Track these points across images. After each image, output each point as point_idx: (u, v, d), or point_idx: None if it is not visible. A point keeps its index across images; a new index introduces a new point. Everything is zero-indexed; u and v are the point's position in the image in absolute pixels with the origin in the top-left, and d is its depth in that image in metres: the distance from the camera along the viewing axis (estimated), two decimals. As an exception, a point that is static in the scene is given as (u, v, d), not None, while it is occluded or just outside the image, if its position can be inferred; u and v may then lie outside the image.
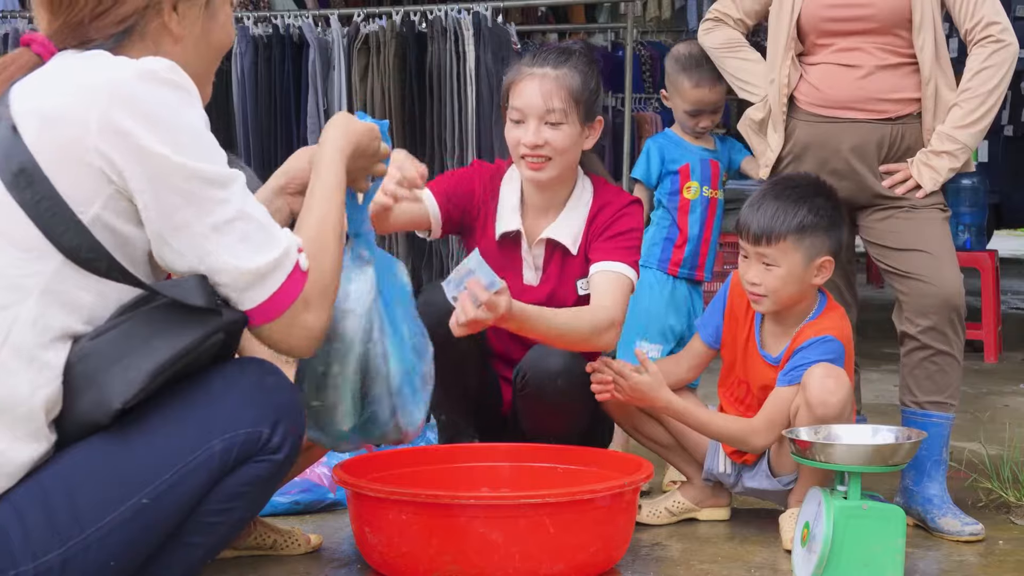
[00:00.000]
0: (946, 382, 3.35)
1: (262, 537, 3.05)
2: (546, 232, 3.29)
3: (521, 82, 3.22)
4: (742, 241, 3.17)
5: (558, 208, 3.30)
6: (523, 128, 3.20)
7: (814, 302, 3.20)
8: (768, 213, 3.11)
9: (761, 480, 3.27)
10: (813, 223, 3.12)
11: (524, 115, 3.21)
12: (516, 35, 5.34)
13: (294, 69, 5.24)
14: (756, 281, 3.14)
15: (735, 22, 3.66)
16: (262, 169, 5.27)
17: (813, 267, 3.13)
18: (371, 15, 5.24)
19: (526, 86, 3.21)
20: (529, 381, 3.19)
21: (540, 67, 3.23)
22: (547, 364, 3.17)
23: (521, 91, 3.22)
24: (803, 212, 3.11)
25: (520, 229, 3.30)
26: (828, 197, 3.19)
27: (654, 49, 9.49)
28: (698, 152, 3.92)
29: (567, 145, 3.20)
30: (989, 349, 6.36)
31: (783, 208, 3.11)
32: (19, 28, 5.42)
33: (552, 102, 3.18)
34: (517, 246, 3.32)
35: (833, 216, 3.16)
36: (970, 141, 3.38)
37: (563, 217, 3.29)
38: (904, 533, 2.77)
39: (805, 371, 3.05)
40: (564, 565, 2.78)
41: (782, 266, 3.11)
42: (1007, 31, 3.37)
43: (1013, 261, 12.29)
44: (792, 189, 3.16)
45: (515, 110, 3.22)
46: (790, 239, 3.10)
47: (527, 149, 3.20)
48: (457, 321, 2.82)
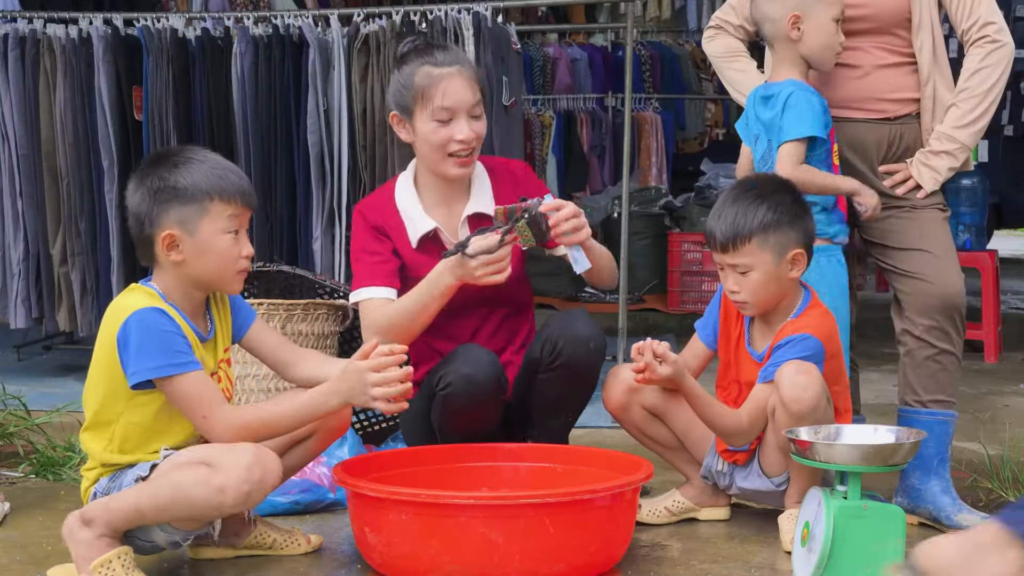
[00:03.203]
0: (948, 381, 3.36)
1: (262, 537, 3.05)
2: (468, 210, 3.39)
3: (441, 82, 3.28)
4: (712, 253, 3.19)
5: (466, 189, 3.42)
6: (454, 126, 3.29)
7: (797, 298, 3.21)
8: (728, 220, 3.13)
9: (754, 480, 3.27)
10: (775, 220, 3.12)
11: (454, 112, 3.29)
12: (516, 35, 5.33)
13: (294, 69, 5.23)
14: (735, 289, 3.16)
15: (736, 28, 3.68)
16: (262, 169, 5.27)
17: (786, 262, 3.13)
18: (371, 15, 5.23)
19: (449, 85, 3.29)
20: (563, 350, 3.26)
21: (448, 65, 3.31)
22: (578, 330, 3.28)
23: (446, 90, 3.28)
24: (763, 211, 3.12)
25: (436, 226, 3.39)
26: (787, 191, 3.19)
27: (654, 49, 9.49)
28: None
29: (484, 133, 3.36)
30: (989, 349, 6.36)
31: (742, 211, 3.12)
32: (19, 28, 5.42)
33: (475, 95, 3.31)
34: (437, 242, 3.39)
35: (794, 209, 3.16)
36: (969, 141, 3.38)
37: (475, 193, 3.41)
38: (904, 533, 2.77)
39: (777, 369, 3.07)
40: (564, 565, 2.78)
41: (755, 269, 3.12)
42: (1003, 31, 3.38)
43: (1013, 261, 12.27)
44: (748, 191, 3.17)
45: (443, 110, 3.28)
46: (755, 240, 3.11)
47: (461, 145, 3.30)
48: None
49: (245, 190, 2.85)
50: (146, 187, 2.80)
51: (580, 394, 3.38)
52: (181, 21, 5.48)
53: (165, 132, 5.34)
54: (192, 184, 2.78)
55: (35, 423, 4.16)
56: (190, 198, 2.78)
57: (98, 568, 2.70)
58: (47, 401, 4.67)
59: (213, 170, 2.82)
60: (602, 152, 8.78)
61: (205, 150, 2.91)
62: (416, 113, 3.31)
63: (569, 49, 9.04)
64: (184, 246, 2.80)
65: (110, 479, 2.85)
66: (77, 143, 5.42)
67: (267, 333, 3.06)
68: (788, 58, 3.38)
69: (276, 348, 3.03)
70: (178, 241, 2.79)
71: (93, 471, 2.88)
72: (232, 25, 5.44)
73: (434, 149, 3.32)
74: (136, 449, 2.83)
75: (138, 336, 2.72)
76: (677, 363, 3.08)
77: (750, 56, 3.70)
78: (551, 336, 3.29)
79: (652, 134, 8.83)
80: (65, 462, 3.90)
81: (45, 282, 5.53)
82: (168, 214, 2.78)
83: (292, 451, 3.01)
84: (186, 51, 5.38)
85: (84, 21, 5.47)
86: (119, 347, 2.75)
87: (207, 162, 2.83)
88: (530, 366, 3.34)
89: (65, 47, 5.41)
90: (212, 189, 2.80)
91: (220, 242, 2.81)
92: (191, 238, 2.79)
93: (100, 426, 2.84)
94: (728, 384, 3.31)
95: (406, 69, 3.35)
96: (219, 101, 5.35)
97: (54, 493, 3.68)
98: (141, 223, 2.82)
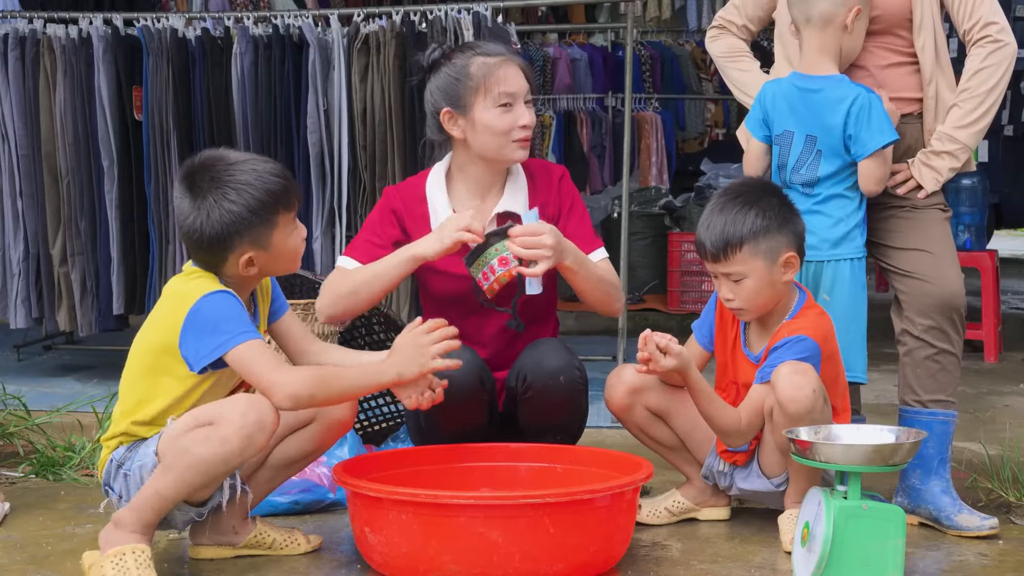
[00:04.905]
0: (948, 380, 3.36)
1: (262, 537, 3.05)
2: (500, 207, 3.39)
3: (500, 69, 3.31)
4: (704, 263, 3.19)
5: (500, 186, 3.42)
6: (515, 111, 3.31)
7: (792, 299, 3.21)
8: (717, 229, 3.13)
9: (754, 481, 3.27)
10: (764, 225, 3.11)
11: (514, 98, 3.32)
12: (516, 35, 5.32)
13: (294, 69, 5.23)
14: (730, 297, 3.16)
15: (739, 28, 3.68)
16: (262, 169, 5.26)
17: (779, 266, 3.13)
18: (371, 15, 5.23)
19: (508, 72, 3.32)
20: (532, 384, 3.23)
21: (503, 54, 3.35)
22: (546, 364, 3.24)
23: (505, 77, 3.31)
24: (751, 217, 3.11)
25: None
26: (773, 194, 3.20)
27: (654, 49, 9.48)
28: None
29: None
30: (989, 349, 6.36)
31: (731, 219, 3.12)
32: (19, 28, 5.41)
33: (529, 82, 3.36)
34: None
35: (783, 212, 3.16)
36: (970, 141, 3.38)
37: (509, 191, 3.41)
38: (904, 533, 2.77)
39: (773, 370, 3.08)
40: (564, 565, 2.78)
41: (749, 276, 3.12)
42: (1005, 31, 3.37)
43: (1013, 261, 12.27)
44: (736, 198, 3.16)
45: (506, 95, 3.30)
46: (746, 248, 3.11)
47: (524, 132, 3.32)
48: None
49: (296, 189, 2.95)
50: (214, 218, 2.82)
51: (564, 419, 3.34)
52: (181, 21, 5.48)
53: (165, 132, 5.33)
54: (258, 206, 2.83)
55: (35, 423, 4.16)
56: (260, 220, 2.84)
57: (111, 557, 2.75)
58: (47, 401, 4.66)
59: (267, 183, 2.85)
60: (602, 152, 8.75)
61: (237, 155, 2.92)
62: (475, 103, 3.31)
63: (569, 49, 9.03)
64: (259, 259, 2.87)
65: (128, 448, 2.89)
66: (77, 143, 5.42)
67: (296, 322, 3.13)
68: (832, 49, 3.32)
69: (301, 337, 3.10)
70: (255, 259, 2.86)
71: (114, 439, 2.92)
72: (232, 25, 5.44)
73: (497, 135, 3.32)
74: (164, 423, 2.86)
75: (213, 315, 2.80)
76: (682, 355, 3.08)
77: (753, 56, 3.70)
78: (522, 368, 3.28)
79: (652, 134, 8.81)
80: (65, 462, 3.90)
81: (45, 282, 5.53)
82: (244, 238, 2.84)
83: (291, 438, 3.02)
84: (186, 51, 5.38)
85: (84, 21, 5.47)
86: (186, 328, 2.80)
87: (259, 176, 2.86)
88: (509, 392, 3.34)
89: (65, 47, 5.41)
90: (276, 204, 2.86)
91: (289, 244, 2.92)
92: (266, 252, 2.87)
93: (141, 400, 2.88)
94: (727, 386, 3.31)
95: (457, 63, 3.34)
96: (219, 101, 5.35)
97: (54, 493, 3.68)
98: (214, 249, 2.85)
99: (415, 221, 3.40)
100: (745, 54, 3.69)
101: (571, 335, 6.30)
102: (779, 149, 3.41)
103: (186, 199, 2.85)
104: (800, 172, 3.36)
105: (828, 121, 3.30)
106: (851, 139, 3.29)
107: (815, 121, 3.33)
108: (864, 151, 3.28)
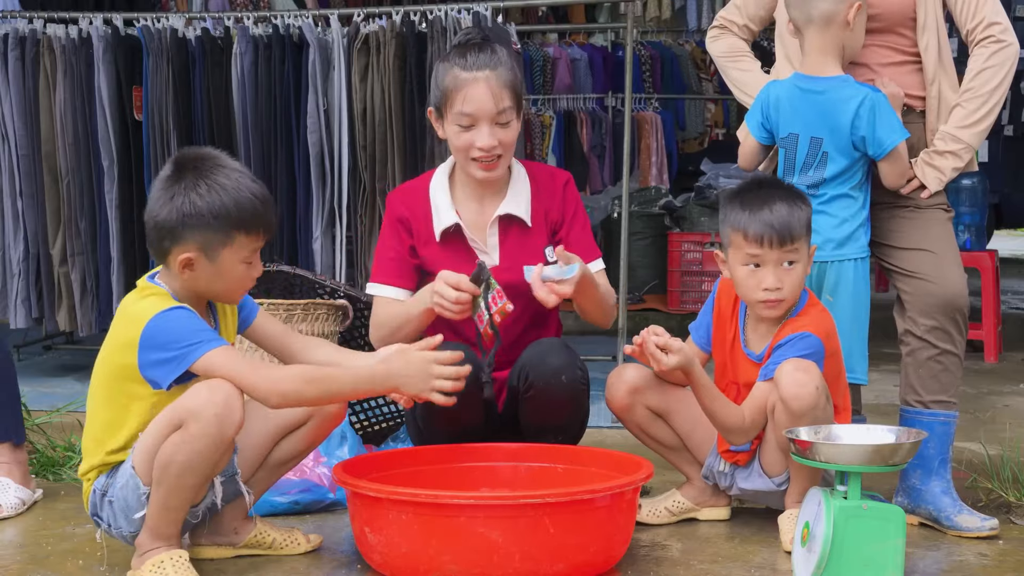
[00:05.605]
0: (950, 381, 3.36)
1: (262, 536, 3.05)
2: (501, 210, 3.37)
3: (466, 88, 3.26)
4: (761, 249, 3.12)
5: (502, 190, 3.39)
6: (475, 132, 3.27)
7: (796, 298, 3.21)
8: (782, 213, 3.12)
9: (755, 480, 3.27)
10: (809, 215, 3.18)
11: (475, 119, 3.27)
12: (516, 35, 5.32)
13: (294, 69, 5.23)
14: (778, 286, 3.13)
15: (740, 28, 3.68)
16: (262, 169, 5.26)
17: (811, 256, 3.18)
18: (371, 15, 5.23)
19: (473, 91, 3.26)
20: (534, 383, 3.23)
21: (479, 69, 3.27)
22: (549, 363, 3.23)
23: (469, 97, 3.25)
24: (802, 205, 3.16)
25: (458, 222, 3.37)
26: (793, 188, 3.24)
27: (654, 49, 9.48)
28: None
29: (515, 140, 3.34)
30: (989, 349, 6.36)
31: (789, 206, 3.13)
32: (19, 28, 5.41)
33: (502, 103, 3.26)
34: (459, 237, 3.39)
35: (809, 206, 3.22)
36: (973, 141, 3.38)
37: (511, 195, 3.39)
38: (904, 533, 2.77)
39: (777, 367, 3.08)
40: (564, 565, 2.78)
41: (800, 262, 3.14)
42: (1008, 31, 3.37)
43: (1013, 261, 12.28)
44: (776, 188, 3.20)
45: (464, 116, 3.26)
46: (805, 232, 3.15)
47: (482, 152, 3.28)
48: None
49: (270, 222, 2.85)
50: (174, 204, 2.77)
51: (565, 419, 3.34)
52: (181, 21, 5.48)
53: (165, 132, 5.33)
54: (221, 213, 2.77)
55: (35, 423, 4.15)
56: (216, 228, 2.77)
57: (150, 567, 2.76)
58: (47, 401, 4.67)
59: (241, 198, 2.79)
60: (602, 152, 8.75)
61: (232, 163, 2.87)
62: (445, 114, 3.32)
63: (569, 49, 9.03)
64: (200, 267, 2.80)
65: (108, 475, 2.87)
66: (77, 143, 5.42)
67: (271, 323, 3.09)
68: (835, 48, 3.32)
69: (281, 336, 3.07)
70: (195, 263, 2.79)
71: (92, 471, 2.89)
72: (232, 25, 5.44)
73: (458, 151, 3.32)
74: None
75: (170, 331, 2.74)
76: (683, 350, 3.07)
77: (754, 56, 3.70)
78: (524, 366, 3.28)
79: (652, 134, 8.81)
80: (65, 462, 3.90)
81: (45, 282, 5.53)
82: (192, 237, 2.78)
83: (288, 439, 3.02)
84: (186, 51, 5.38)
85: (84, 21, 5.47)
86: (142, 349, 2.75)
87: (237, 187, 2.80)
88: (511, 391, 3.34)
89: (65, 47, 5.41)
90: (240, 222, 2.79)
91: (237, 270, 2.84)
92: (210, 264, 2.80)
93: (111, 427, 2.85)
94: (726, 386, 3.30)
95: (442, 67, 3.33)
96: (219, 101, 5.35)
97: (54, 493, 3.68)
98: (161, 235, 2.80)
99: (420, 221, 3.41)
100: (746, 54, 3.69)
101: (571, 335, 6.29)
102: (785, 152, 3.41)
103: (163, 181, 2.82)
104: (807, 174, 3.36)
105: (834, 122, 3.30)
106: (864, 140, 3.29)
107: (820, 123, 3.32)
108: (882, 150, 3.30)
